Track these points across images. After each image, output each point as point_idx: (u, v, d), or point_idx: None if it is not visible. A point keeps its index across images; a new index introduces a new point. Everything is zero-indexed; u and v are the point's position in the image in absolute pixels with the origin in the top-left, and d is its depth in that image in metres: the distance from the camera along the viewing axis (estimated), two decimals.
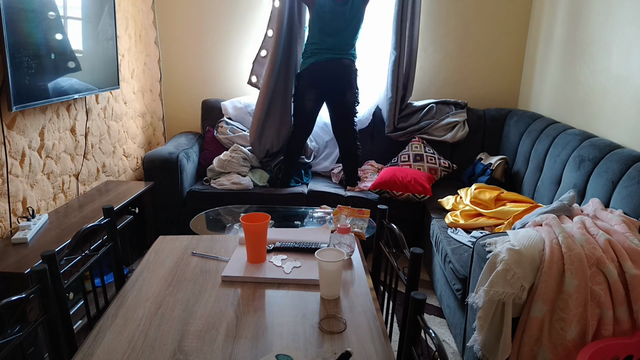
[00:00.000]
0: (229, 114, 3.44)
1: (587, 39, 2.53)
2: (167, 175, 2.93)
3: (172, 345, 1.04)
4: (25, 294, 1.04)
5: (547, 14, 3.08)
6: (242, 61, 3.62)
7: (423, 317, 0.98)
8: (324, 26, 2.82)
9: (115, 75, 2.76)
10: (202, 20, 3.55)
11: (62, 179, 2.44)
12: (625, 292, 1.42)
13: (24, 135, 2.12)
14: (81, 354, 1.01)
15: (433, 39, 3.48)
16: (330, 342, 1.05)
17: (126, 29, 3.11)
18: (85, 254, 1.43)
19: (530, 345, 1.47)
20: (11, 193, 2.05)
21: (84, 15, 2.40)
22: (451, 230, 2.35)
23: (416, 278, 1.24)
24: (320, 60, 2.85)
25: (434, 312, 2.39)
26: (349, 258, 1.46)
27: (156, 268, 1.39)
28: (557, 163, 2.37)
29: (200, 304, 1.20)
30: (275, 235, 1.59)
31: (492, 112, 3.36)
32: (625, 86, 2.17)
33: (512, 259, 1.49)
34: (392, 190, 2.86)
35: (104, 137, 2.87)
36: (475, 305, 1.55)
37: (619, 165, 1.92)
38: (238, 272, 1.34)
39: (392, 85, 3.25)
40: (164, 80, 3.71)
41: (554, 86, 2.93)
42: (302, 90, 2.93)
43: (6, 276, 1.71)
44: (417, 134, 3.32)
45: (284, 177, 3.08)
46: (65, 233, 2.05)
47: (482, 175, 2.95)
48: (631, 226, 1.61)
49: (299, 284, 1.30)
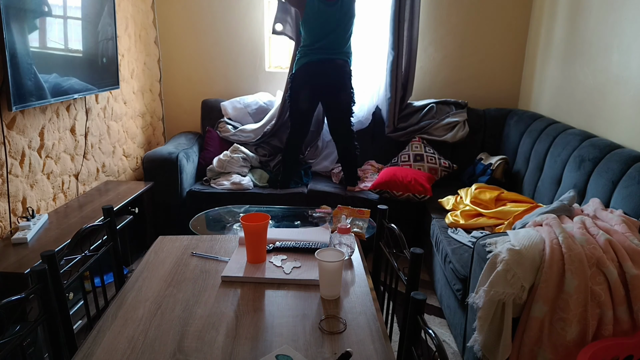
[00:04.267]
0: (229, 114, 3.44)
1: (587, 39, 2.53)
2: (167, 175, 2.93)
3: (172, 345, 1.03)
4: (25, 294, 1.04)
5: (547, 14, 3.08)
6: (242, 61, 3.62)
7: (423, 317, 0.98)
8: (315, 27, 2.81)
9: (115, 75, 2.76)
10: (202, 20, 3.55)
11: (62, 179, 2.44)
12: (625, 292, 1.42)
13: (24, 135, 2.12)
14: (81, 354, 1.01)
15: (433, 38, 3.48)
16: (330, 342, 1.05)
17: (126, 29, 3.10)
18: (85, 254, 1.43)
19: (531, 345, 1.47)
20: (11, 193, 2.05)
21: (84, 15, 2.40)
22: (451, 230, 2.35)
23: (416, 278, 1.24)
24: (313, 60, 2.85)
25: (434, 312, 2.39)
26: (349, 258, 1.46)
27: (156, 268, 1.39)
28: (557, 163, 2.37)
29: (200, 304, 1.20)
30: (275, 235, 1.58)
31: (492, 112, 3.36)
32: (625, 86, 2.17)
33: (512, 259, 1.49)
34: (392, 190, 2.86)
35: (104, 137, 2.87)
36: (476, 305, 1.55)
37: (619, 165, 1.91)
38: (238, 272, 1.34)
39: (390, 86, 3.25)
40: (164, 80, 3.70)
41: (554, 86, 2.93)
42: (296, 90, 2.93)
43: (6, 276, 1.71)
44: (417, 134, 3.32)
45: (284, 178, 3.08)
46: (65, 233, 2.05)
47: (483, 175, 2.95)
48: (631, 226, 1.60)
49: (299, 284, 1.30)
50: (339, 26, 2.82)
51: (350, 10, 2.83)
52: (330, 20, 2.80)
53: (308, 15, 2.80)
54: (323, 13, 2.78)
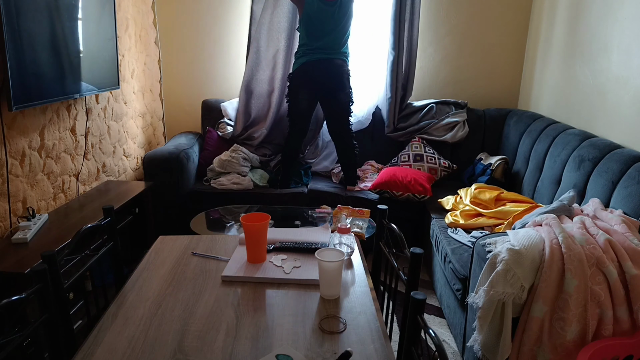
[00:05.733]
0: (229, 115, 3.44)
1: (587, 39, 2.53)
2: (167, 175, 2.93)
3: (172, 345, 1.04)
4: (25, 294, 1.04)
5: (547, 14, 3.08)
6: (242, 61, 3.62)
7: (423, 317, 0.98)
8: (313, 27, 2.82)
9: (115, 75, 2.76)
10: (202, 20, 3.55)
11: (62, 179, 2.44)
12: (625, 292, 1.42)
13: (24, 135, 2.12)
14: (81, 354, 1.01)
15: (433, 39, 3.48)
16: (330, 342, 1.05)
17: (126, 29, 3.11)
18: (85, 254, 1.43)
19: (530, 345, 1.47)
20: (11, 193, 2.05)
21: (84, 15, 2.40)
22: (451, 230, 2.35)
23: (416, 278, 1.24)
24: (312, 60, 2.85)
25: (434, 312, 2.39)
26: (349, 258, 1.46)
27: (156, 268, 1.39)
28: (557, 163, 2.37)
29: (200, 304, 1.20)
30: (275, 235, 1.59)
31: (492, 112, 3.36)
32: (625, 86, 2.17)
33: (512, 259, 1.49)
34: (392, 190, 2.86)
35: (104, 137, 2.87)
36: (475, 305, 1.55)
37: (619, 165, 1.92)
38: (238, 272, 1.34)
39: (391, 86, 3.25)
40: (164, 80, 3.71)
41: (554, 86, 2.93)
42: (294, 90, 2.93)
43: (6, 276, 1.71)
44: (417, 134, 3.32)
45: (283, 178, 3.08)
46: (65, 233, 2.05)
47: (482, 175, 2.95)
48: (631, 226, 1.61)
49: (299, 284, 1.30)
50: (337, 26, 2.83)
51: (349, 11, 2.83)
52: (329, 20, 2.80)
53: (307, 15, 2.81)
54: (322, 13, 2.78)
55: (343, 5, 2.80)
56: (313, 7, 2.78)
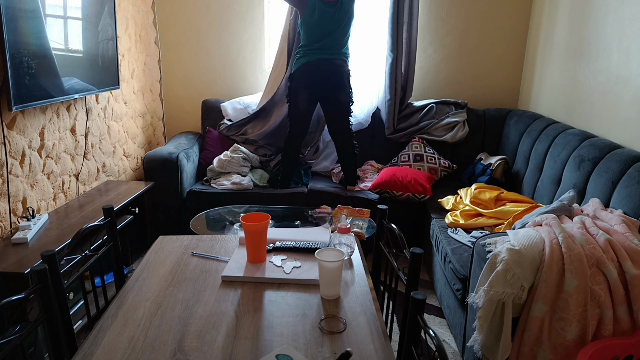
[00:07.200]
0: (229, 115, 3.44)
1: (587, 39, 2.53)
2: (167, 175, 2.93)
3: (172, 345, 1.04)
4: (25, 294, 1.04)
5: (547, 14, 3.08)
6: (242, 61, 3.62)
7: (423, 317, 0.98)
8: (314, 27, 2.82)
9: (115, 75, 2.76)
10: (202, 20, 3.55)
11: (62, 179, 2.44)
12: (625, 292, 1.42)
13: (24, 135, 2.12)
14: (81, 354, 1.01)
15: (433, 38, 3.48)
16: (330, 342, 1.05)
17: (126, 29, 3.11)
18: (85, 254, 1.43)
19: (530, 345, 1.47)
20: (11, 193, 2.05)
21: (84, 15, 2.40)
22: (451, 230, 2.35)
23: (416, 278, 1.24)
24: (312, 60, 2.85)
25: (434, 312, 2.39)
26: (349, 258, 1.46)
27: (156, 268, 1.39)
28: (557, 163, 2.37)
29: (200, 304, 1.20)
30: (275, 235, 1.59)
31: (492, 112, 3.36)
32: (625, 86, 2.17)
33: (512, 259, 1.49)
34: (392, 190, 2.86)
35: (104, 137, 2.87)
36: (475, 305, 1.55)
37: (619, 165, 1.92)
38: (238, 272, 1.34)
39: (390, 88, 3.25)
40: (164, 80, 3.71)
41: (554, 86, 2.93)
42: (294, 90, 2.93)
43: (6, 276, 1.71)
44: (417, 134, 3.32)
45: (283, 178, 3.08)
46: (65, 233, 2.05)
47: (482, 175, 2.95)
48: (631, 226, 1.61)
49: (299, 284, 1.30)
50: (338, 27, 2.83)
51: (349, 11, 2.84)
52: (330, 20, 2.80)
53: (308, 15, 2.81)
54: (323, 13, 2.79)
55: (344, 5, 2.80)
56: (314, 8, 2.78)
